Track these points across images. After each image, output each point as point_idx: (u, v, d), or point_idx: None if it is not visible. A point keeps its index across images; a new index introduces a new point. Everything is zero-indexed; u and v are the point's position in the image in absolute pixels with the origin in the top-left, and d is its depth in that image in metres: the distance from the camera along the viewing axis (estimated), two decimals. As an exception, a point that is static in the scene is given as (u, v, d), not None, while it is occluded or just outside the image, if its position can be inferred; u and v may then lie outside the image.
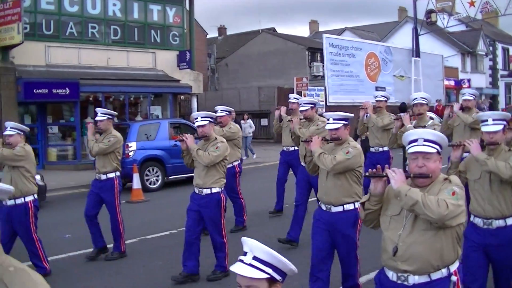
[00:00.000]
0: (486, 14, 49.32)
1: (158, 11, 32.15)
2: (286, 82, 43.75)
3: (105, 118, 11.30)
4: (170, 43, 32.66)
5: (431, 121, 11.80)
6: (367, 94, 38.73)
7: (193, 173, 9.99)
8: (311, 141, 8.17)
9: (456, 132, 12.10)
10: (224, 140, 9.93)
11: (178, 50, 32.51)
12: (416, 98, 11.94)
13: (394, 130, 12.08)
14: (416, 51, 48.19)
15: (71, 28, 28.80)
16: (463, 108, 12.39)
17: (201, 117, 9.85)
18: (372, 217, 5.40)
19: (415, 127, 10.71)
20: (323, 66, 41.88)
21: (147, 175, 20.96)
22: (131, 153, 20.66)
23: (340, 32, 65.49)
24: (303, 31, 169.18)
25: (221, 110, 13.33)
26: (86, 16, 29.26)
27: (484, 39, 66.78)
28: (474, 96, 12.50)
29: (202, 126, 9.77)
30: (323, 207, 7.92)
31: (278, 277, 3.57)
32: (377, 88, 42.66)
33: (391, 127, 12.78)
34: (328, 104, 38.12)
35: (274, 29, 65.22)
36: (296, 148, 12.75)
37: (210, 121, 9.87)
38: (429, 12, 47.82)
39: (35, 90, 25.53)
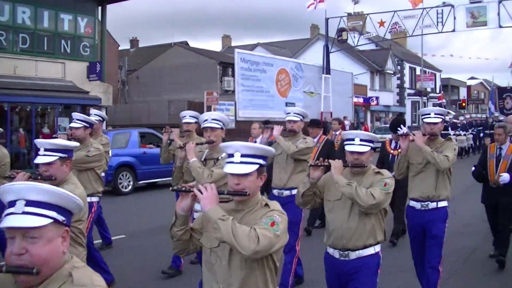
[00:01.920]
0: (395, 34, 50.30)
1: (69, 21, 31.54)
2: (196, 96, 43.67)
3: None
4: (80, 54, 32.07)
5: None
6: (277, 110, 39.07)
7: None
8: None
9: (277, 163, 9.29)
10: None
11: (89, 61, 31.95)
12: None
13: (178, 162, 9.03)
14: (326, 68, 48.76)
15: (-23, 35, 28.06)
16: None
17: None
18: None
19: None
20: (234, 81, 41.98)
21: (120, 179, 22.43)
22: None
23: (252, 47, 65.92)
24: (216, 45, 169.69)
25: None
26: (-7, 23, 28.56)
27: (392, 59, 68.53)
28: (301, 117, 9.48)
29: None
30: None
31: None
32: (287, 104, 43.05)
33: None
34: (238, 119, 38.21)
35: (186, 43, 65.21)
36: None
37: None
38: (340, 31, 48.52)
39: None
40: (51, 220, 2.90)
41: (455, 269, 10.20)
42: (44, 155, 5.82)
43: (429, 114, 8.14)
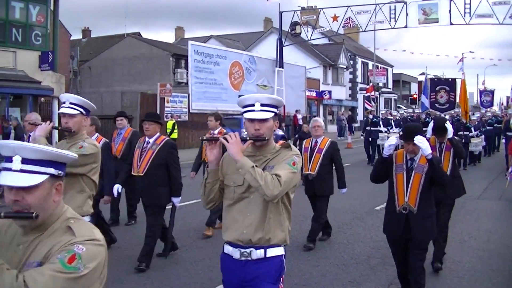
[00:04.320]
0: (348, 29, 50.66)
1: (20, 9, 30.92)
2: (149, 87, 43.40)
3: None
4: (32, 43, 31.48)
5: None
6: (230, 102, 39.11)
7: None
8: None
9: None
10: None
11: (41, 51, 31.42)
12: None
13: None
14: (280, 62, 48.94)
15: None
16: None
17: None
18: None
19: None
20: (187, 73, 41.86)
21: None
22: None
23: (205, 39, 65.69)
24: (169, 36, 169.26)
25: None
26: None
27: (345, 53, 68.97)
28: (82, 109, 6.82)
29: None
30: None
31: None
32: (240, 97, 43.13)
33: None
34: (191, 111, 38.15)
35: (139, 34, 64.65)
36: None
37: None
38: (294, 24, 48.64)
39: None
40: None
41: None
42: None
43: (253, 105, 4.84)
